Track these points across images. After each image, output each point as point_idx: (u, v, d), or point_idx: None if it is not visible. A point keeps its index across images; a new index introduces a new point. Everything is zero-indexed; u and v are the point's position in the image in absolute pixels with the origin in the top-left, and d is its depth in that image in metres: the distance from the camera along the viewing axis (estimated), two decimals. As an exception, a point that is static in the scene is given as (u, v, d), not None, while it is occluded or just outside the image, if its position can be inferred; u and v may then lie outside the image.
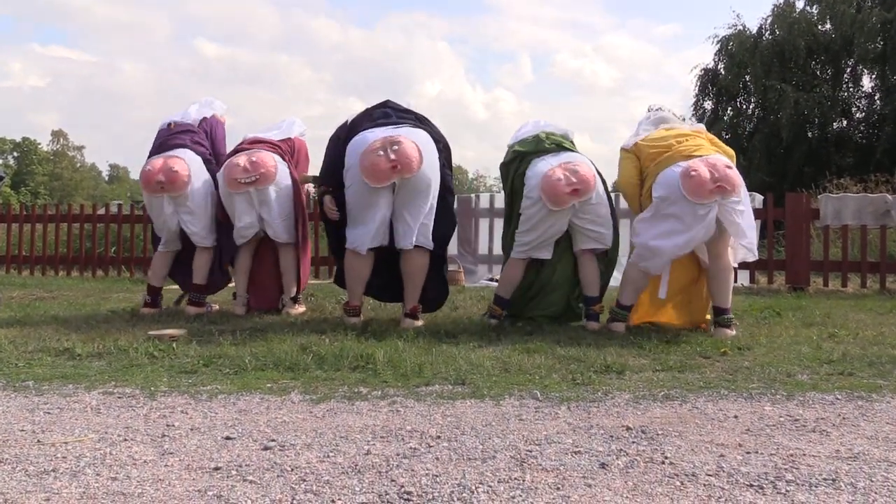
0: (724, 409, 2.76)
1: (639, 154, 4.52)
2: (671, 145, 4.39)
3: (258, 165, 4.79)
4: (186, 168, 4.96)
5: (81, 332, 4.30)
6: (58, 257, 8.92)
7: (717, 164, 4.21)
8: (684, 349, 3.86)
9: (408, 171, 4.32)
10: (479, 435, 2.43)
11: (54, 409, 2.77)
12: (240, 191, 4.82)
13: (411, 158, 4.32)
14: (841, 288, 7.06)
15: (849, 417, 2.67)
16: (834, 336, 4.29)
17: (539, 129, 4.80)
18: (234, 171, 4.81)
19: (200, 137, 5.21)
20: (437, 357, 3.56)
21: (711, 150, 4.39)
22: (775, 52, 23.88)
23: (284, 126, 5.33)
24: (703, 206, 4.16)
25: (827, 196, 7.42)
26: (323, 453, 2.24)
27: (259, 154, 4.86)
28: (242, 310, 5.05)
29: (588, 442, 2.36)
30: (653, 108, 5.00)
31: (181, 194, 4.95)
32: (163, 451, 2.27)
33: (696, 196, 4.15)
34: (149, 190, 5.01)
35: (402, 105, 4.76)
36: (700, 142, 4.43)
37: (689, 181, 4.16)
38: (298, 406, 2.82)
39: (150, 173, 4.96)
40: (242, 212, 4.89)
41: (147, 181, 5.00)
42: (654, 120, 4.76)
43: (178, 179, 4.92)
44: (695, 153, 4.29)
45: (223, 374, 3.34)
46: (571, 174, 4.39)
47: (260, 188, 4.81)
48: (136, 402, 2.87)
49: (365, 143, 4.42)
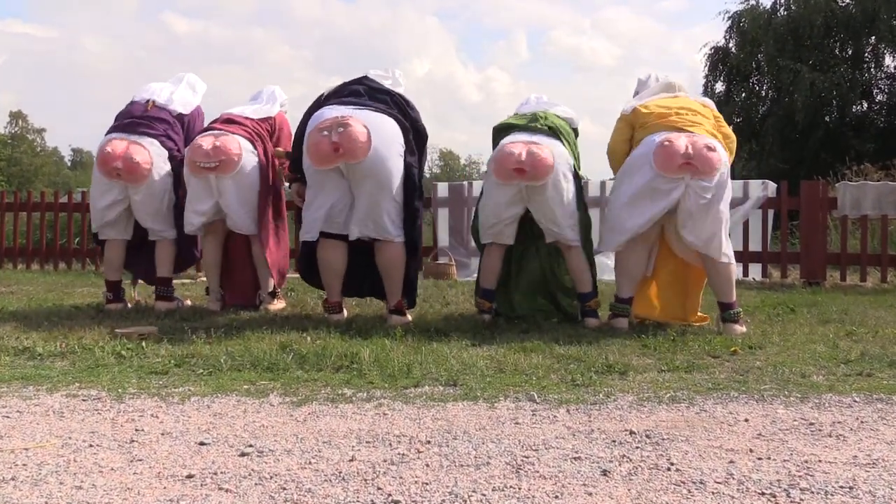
0: (734, 413, 2.78)
1: (634, 121, 4.55)
2: (668, 115, 4.40)
3: (220, 151, 4.75)
4: (149, 160, 4.92)
5: (42, 329, 4.29)
6: (16, 249, 8.88)
7: (698, 142, 4.21)
8: (692, 348, 3.88)
9: (351, 156, 4.31)
10: (472, 440, 2.44)
11: (13, 413, 2.76)
12: (199, 175, 4.82)
13: (356, 143, 4.29)
14: (859, 283, 7.11)
15: (867, 421, 2.69)
16: (852, 334, 4.32)
17: (541, 106, 4.81)
18: (196, 153, 4.80)
19: (175, 130, 5.15)
20: (427, 356, 3.57)
21: (709, 130, 4.40)
22: (790, 30, 23.90)
23: (264, 98, 5.31)
24: (668, 180, 4.20)
25: (845, 184, 7.45)
26: (304, 460, 2.25)
27: (224, 138, 4.82)
28: (217, 306, 5.05)
29: (589, 447, 2.37)
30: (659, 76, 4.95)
31: (137, 186, 4.93)
32: (131, 458, 2.26)
33: (663, 167, 4.20)
34: (103, 172, 4.97)
35: (380, 84, 4.71)
36: (701, 120, 4.43)
37: (661, 150, 4.21)
38: (278, 409, 2.82)
39: (109, 156, 4.90)
40: (196, 197, 4.87)
41: (103, 162, 4.94)
42: (661, 85, 4.76)
43: (137, 171, 4.89)
44: (686, 128, 4.30)
45: (196, 374, 3.34)
46: (527, 153, 4.34)
47: (219, 175, 4.80)
48: (103, 405, 2.87)
49: (317, 121, 4.44)
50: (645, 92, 4.75)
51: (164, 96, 5.23)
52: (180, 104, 5.25)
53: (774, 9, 25.02)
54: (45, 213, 9.04)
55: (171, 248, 5.14)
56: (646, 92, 4.74)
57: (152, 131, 5.05)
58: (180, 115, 5.23)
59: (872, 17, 22.53)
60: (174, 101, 5.24)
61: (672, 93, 4.67)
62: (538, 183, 4.36)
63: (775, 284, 7.03)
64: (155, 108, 5.15)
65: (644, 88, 4.82)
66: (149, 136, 5.02)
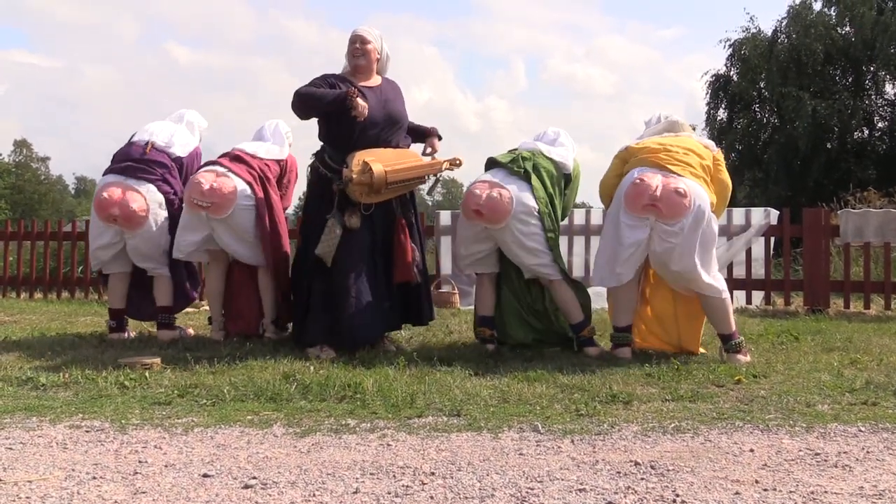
0: (739, 443, 2.77)
1: (627, 157, 4.57)
2: (658, 151, 4.39)
3: (214, 194, 4.78)
4: (145, 207, 4.94)
5: (46, 359, 4.29)
6: (20, 278, 8.89)
7: (670, 184, 4.18)
8: (696, 377, 3.87)
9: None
10: (477, 471, 2.43)
11: (17, 445, 2.76)
12: (194, 210, 4.87)
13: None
14: (863, 310, 7.08)
15: (873, 451, 2.68)
16: (856, 362, 4.30)
17: (544, 143, 4.85)
18: (194, 190, 4.84)
19: (173, 174, 5.15)
20: (431, 386, 3.57)
21: (696, 172, 4.33)
22: (791, 58, 24.08)
23: (269, 135, 5.33)
24: (633, 218, 4.23)
25: (847, 211, 7.45)
26: (308, 492, 2.24)
27: (223, 180, 4.84)
28: (220, 335, 5.04)
29: (593, 478, 2.36)
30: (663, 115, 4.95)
31: (134, 233, 4.97)
32: (135, 490, 2.26)
33: (629, 206, 4.24)
34: (101, 217, 5.00)
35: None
36: (693, 160, 4.37)
37: (632, 188, 4.24)
38: (281, 440, 2.82)
39: (106, 202, 4.93)
40: (189, 226, 4.92)
41: (100, 208, 4.97)
42: (665, 124, 4.75)
43: (134, 218, 4.92)
44: (670, 166, 4.28)
45: (200, 405, 3.34)
46: (486, 197, 4.45)
47: (211, 216, 4.84)
48: (106, 437, 2.86)
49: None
50: (647, 131, 4.76)
51: (163, 138, 5.21)
52: (179, 147, 5.25)
53: (775, 37, 25.22)
54: (49, 242, 9.06)
55: (169, 280, 5.15)
56: (648, 131, 4.76)
57: (149, 175, 5.05)
58: (178, 157, 5.25)
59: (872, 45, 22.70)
60: (174, 143, 5.23)
61: (675, 132, 4.65)
62: (495, 226, 4.49)
63: (778, 312, 7.01)
64: (154, 150, 5.14)
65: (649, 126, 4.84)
66: (146, 181, 5.02)
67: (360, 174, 4.39)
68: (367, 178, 4.39)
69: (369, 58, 4.73)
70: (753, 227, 7.32)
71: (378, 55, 4.80)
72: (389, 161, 4.52)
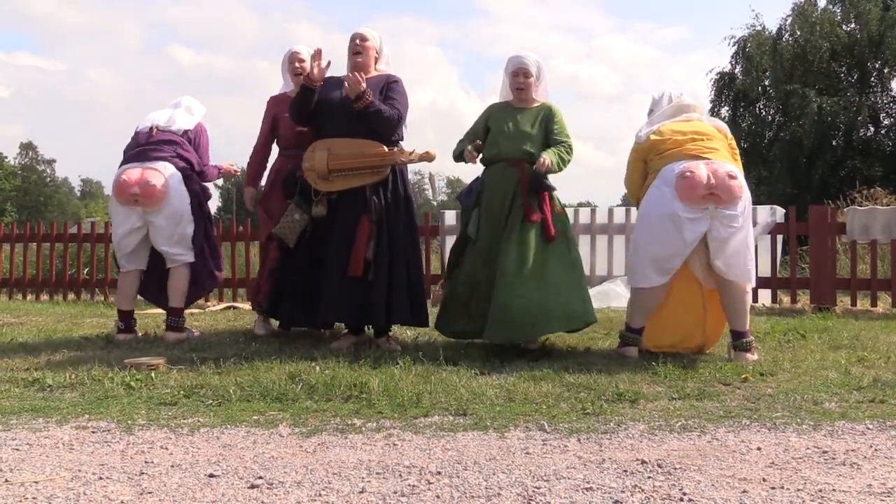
0: (746, 441, 2.76)
1: (649, 150, 4.50)
2: (684, 142, 4.38)
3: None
4: (164, 183, 4.99)
5: (52, 360, 4.30)
6: (26, 280, 8.92)
7: (719, 170, 4.20)
8: (702, 375, 3.87)
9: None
10: (483, 470, 2.43)
11: (23, 446, 2.76)
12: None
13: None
14: (870, 308, 7.07)
15: (881, 449, 2.67)
16: (863, 360, 4.29)
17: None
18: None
19: (184, 149, 5.23)
20: (437, 385, 3.56)
21: (726, 155, 4.39)
22: (796, 55, 24.04)
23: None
24: (692, 211, 4.18)
25: (854, 209, 7.43)
26: (314, 491, 2.24)
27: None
28: (262, 330, 5.33)
29: (600, 477, 2.36)
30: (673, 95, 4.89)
31: (155, 209, 4.99)
32: (141, 491, 2.26)
33: (686, 198, 4.18)
34: (121, 200, 5.03)
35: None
36: (717, 145, 4.41)
37: (683, 182, 4.19)
38: (287, 440, 2.82)
39: (126, 184, 4.98)
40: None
41: (121, 191, 5.02)
42: (674, 107, 4.69)
43: (154, 194, 4.96)
44: (704, 155, 4.29)
45: (206, 405, 3.34)
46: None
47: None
48: (112, 437, 2.87)
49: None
50: (657, 115, 4.69)
51: (164, 120, 5.33)
52: (182, 122, 5.35)
53: (780, 34, 25.17)
54: (55, 244, 9.08)
55: (186, 277, 5.15)
56: (658, 115, 4.68)
57: (162, 154, 5.14)
58: (185, 132, 5.31)
59: (878, 41, 22.64)
60: (175, 121, 5.33)
61: (685, 115, 4.61)
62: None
63: (785, 310, 7.00)
64: (159, 132, 5.23)
65: (658, 107, 4.75)
66: (160, 159, 5.10)
67: (306, 160, 4.72)
68: (309, 164, 4.69)
69: (367, 54, 4.83)
70: (760, 224, 7.30)
71: (377, 53, 4.91)
72: (343, 150, 4.64)
